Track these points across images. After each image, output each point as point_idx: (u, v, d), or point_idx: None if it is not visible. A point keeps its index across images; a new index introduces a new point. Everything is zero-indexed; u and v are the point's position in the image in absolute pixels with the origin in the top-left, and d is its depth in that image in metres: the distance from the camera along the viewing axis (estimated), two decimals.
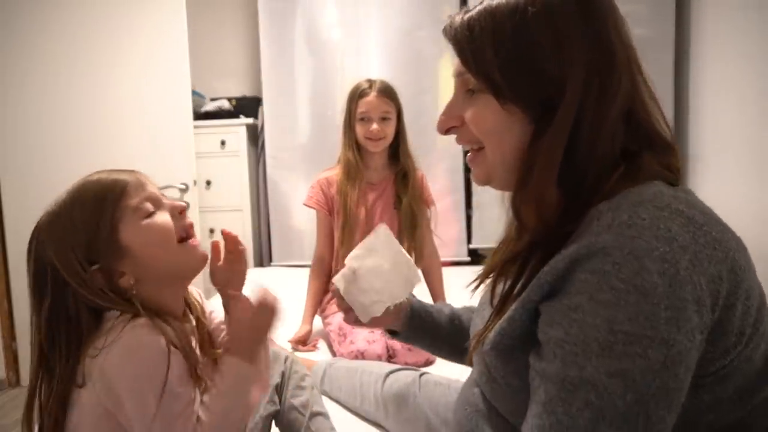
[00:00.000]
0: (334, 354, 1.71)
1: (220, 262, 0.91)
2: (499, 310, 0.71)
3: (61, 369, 0.76)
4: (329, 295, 1.86)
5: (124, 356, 0.73)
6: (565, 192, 0.65)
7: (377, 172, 1.87)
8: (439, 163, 2.88)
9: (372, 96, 1.76)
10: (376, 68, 2.87)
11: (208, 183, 2.96)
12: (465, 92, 0.70)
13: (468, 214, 2.95)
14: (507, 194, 0.74)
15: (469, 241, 2.95)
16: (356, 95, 1.79)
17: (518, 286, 0.68)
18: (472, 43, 0.65)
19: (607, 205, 0.60)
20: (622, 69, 0.65)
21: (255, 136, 3.12)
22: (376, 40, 2.92)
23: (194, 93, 2.85)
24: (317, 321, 1.87)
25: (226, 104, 3.09)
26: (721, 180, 2.27)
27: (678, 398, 0.55)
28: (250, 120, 3.05)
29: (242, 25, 3.26)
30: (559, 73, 0.63)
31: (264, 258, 3.14)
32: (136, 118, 2.59)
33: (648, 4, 2.60)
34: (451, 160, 2.91)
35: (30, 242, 0.81)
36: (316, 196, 1.87)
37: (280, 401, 1.12)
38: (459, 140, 0.74)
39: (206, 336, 0.92)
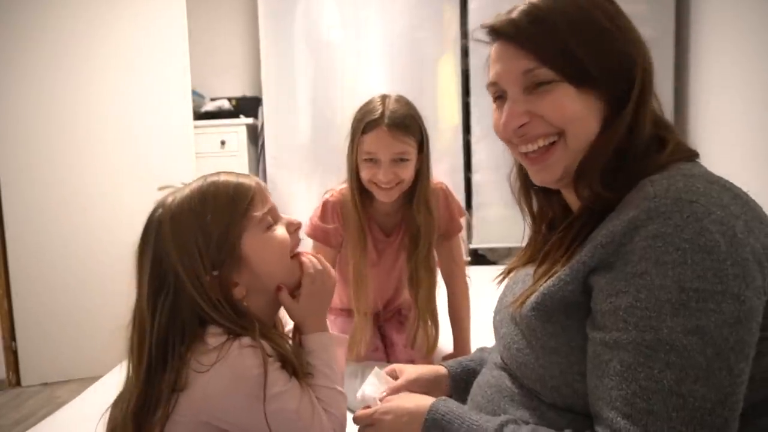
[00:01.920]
0: None
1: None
2: (542, 275, 0.72)
3: (167, 372, 0.74)
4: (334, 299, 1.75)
5: (230, 382, 0.73)
6: (620, 160, 0.68)
7: (389, 217, 1.42)
8: (439, 163, 2.87)
9: (382, 131, 1.25)
10: (376, 68, 2.87)
11: None
12: (526, 89, 0.70)
13: (468, 214, 2.95)
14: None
15: (469, 241, 2.95)
16: (361, 125, 1.28)
17: (566, 252, 0.70)
18: (543, 30, 0.67)
19: (660, 175, 0.63)
20: (647, 53, 0.70)
21: (255, 136, 3.12)
22: (376, 40, 2.92)
23: (194, 93, 2.84)
24: None
25: (226, 104, 3.09)
26: None
27: (751, 353, 0.56)
28: (250, 120, 3.04)
29: (242, 24, 3.26)
30: (632, 51, 0.67)
31: None
32: (137, 117, 2.59)
33: (648, 4, 2.60)
34: (452, 160, 2.91)
35: (146, 235, 0.78)
36: (330, 232, 1.39)
37: None
38: (527, 138, 0.72)
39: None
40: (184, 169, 2.55)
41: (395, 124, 1.25)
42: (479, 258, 3.08)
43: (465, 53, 2.88)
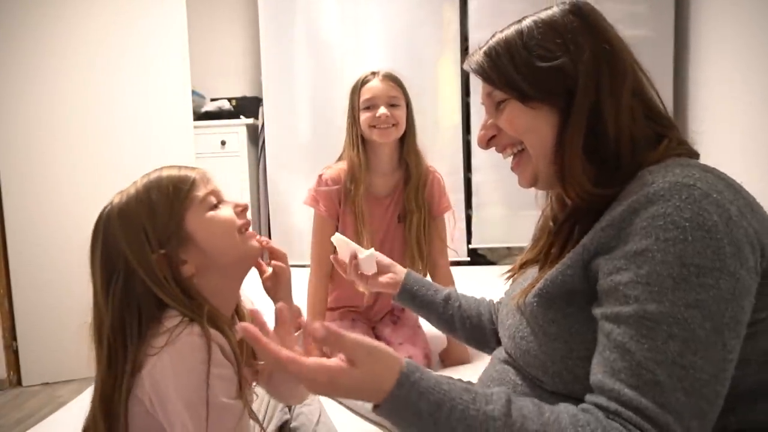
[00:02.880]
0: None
1: (266, 275, 0.97)
2: (544, 266, 0.78)
3: (129, 353, 0.77)
4: (329, 298, 1.82)
5: (174, 363, 0.74)
6: (602, 161, 0.73)
7: (386, 178, 1.64)
8: (438, 163, 2.85)
9: (377, 81, 1.58)
10: (377, 68, 2.86)
11: None
12: (494, 109, 0.81)
13: (468, 214, 2.95)
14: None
15: (468, 241, 2.96)
16: (359, 84, 1.61)
17: (564, 245, 0.75)
18: (492, 64, 0.78)
19: (658, 166, 0.68)
20: (625, 56, 0.76)
21: (255, 136, 3.12)
22: (376, 40, 2.92)
23: (194, 93, 2.85)
24: None
25: (226, 104, 3.09)
26: None
27: (742, 331, 0.59)
28: (250, 120, 3.05)
29: (242, 25, 3.26)
30: (570, 64, 0.73)
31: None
32: (137, 118, 2.59)
33: (648, 4, 2.60)
34: (451, 161, 2.91)
35: (97, 226, 0.83)
36: (324, 200, 1.62)
37: (289, 409, 1.14)
38: (499, 148, 0.84)
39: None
40: None
41: (388, 76, 1.59)
42: (479, 258, 3.08)
43: (465, 53, 2.88)
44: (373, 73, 1.61)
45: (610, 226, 0.65)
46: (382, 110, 1.53)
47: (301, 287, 1.89)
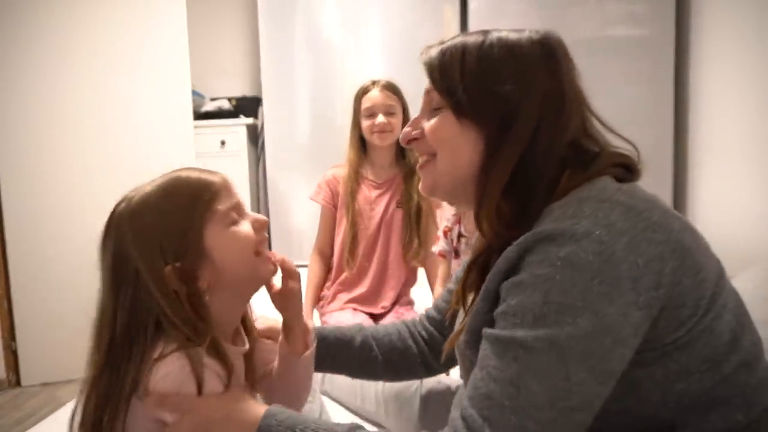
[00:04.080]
0: None
1: (275, 290, 0.89)
2: (468, 312, 0.78)
3: (131, 365, 0.72)
4: (328, 294, 1.87)
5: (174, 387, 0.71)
6: (519, 201, 0.72)
7: (384, 170, 1.87)
8: None
9: (376, 91, 1.78)
10: (376, 68, 2.86)
11: None
12: (430, 110, 0.79)
13: None
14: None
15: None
16: (360, 93, 1.82)
17: (478, 286, 0.75)
18: (442, 65, 0.76)
19: (558, 203, 0.68)
20: (572, 105, 0.73)
21: (255, 136, 3.12)
22: (376, 40, 2.92)
23: (194, 93, 2.85)
24: (314, 319, 1.87)
25: (226, 104, 3.09)
26: (722, 179, 2.27)
27: (602, 368, 0.60)
28: (250, 120, 3.04)
29: (242, 25, 3.26)
30: (517, 97, 0.71)
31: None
32: (136, 117, 2.59)
33: (648, 4, 2.60)
34: None
35: (107, 230, 0.78)
36: (324, 192, 1.89)
37: None
38: (417, 150, 0.83)
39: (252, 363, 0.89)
40: None
41: (386, 86, 1.80)
42: None
43: None
44: (374, 83, 1.81)
45: (508, 266, 0.67)
46: (381, 119, 1.76)
47: (301, 287, 1.91)
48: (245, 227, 0.80)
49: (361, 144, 1.84)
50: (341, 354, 1.01)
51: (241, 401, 0.74)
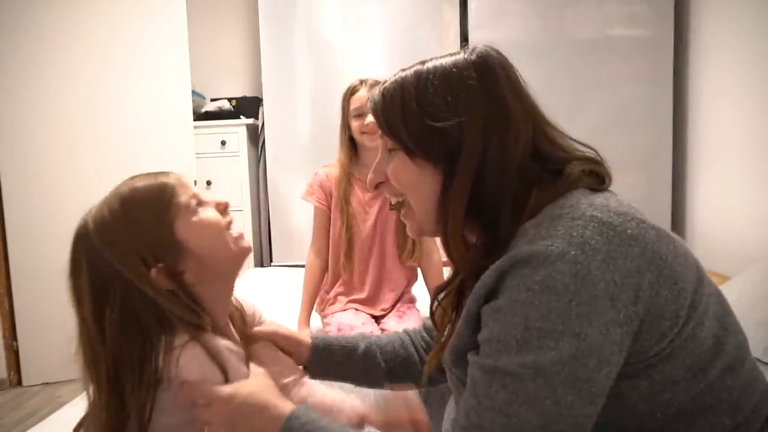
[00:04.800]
0: None
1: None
2: (449, 334, 0.78)
3: (141, 383, 0.73)
4: (329, 296, 1.86)
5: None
6: (485, 227, 0.73)
7: None
8: None
9: (364, 91, 1.74)
10: (377, 68, 2.86)
11: (209, 183, 2.96)
12: (387, 151, 0.79)
13: None
14: None
15: None
16: (348, 93, 1.78)
17: (456, 309, 0.78)
18: (385, 108, 0.76)
19: (532, 222, 0.68)
20: (519, 122, 0.72)
21: (255, 136, 3.12)
22: (376, 40, 2.92)
23: (194, 93, 2.85)
24: (316, 320, 1.87)
25: (226, 104, 3.09)
26: (721, 179, 2.27)
27: (590, 389, 0.60)
28: (251, 120, 3.04)
29: (242, 25, 3.27)
30: (458, 127, 0.70)
31: (264, 258, 3.14)
32: (136, 118, 2.59)
33: (648, 4, 2.59)
34: None
35: (76, 250, 0.80)
36: (315, 192, 1.85)
37: None
38: (387, 193, 0.83)
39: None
40: (185, 169, 2.55)
41: (373, 86, 1.71)
42: None
43: None
44: (362, 82, 1.77)
45: (487, 291, 0.67)
46: (370, 119, 1.67)
47: (301, 287, 1.90)
48: (210, 213, 0.83)
49: (352, 145, 1.80)
50: (347, 361, 1.02)
51: (272, 395, 0.77)
